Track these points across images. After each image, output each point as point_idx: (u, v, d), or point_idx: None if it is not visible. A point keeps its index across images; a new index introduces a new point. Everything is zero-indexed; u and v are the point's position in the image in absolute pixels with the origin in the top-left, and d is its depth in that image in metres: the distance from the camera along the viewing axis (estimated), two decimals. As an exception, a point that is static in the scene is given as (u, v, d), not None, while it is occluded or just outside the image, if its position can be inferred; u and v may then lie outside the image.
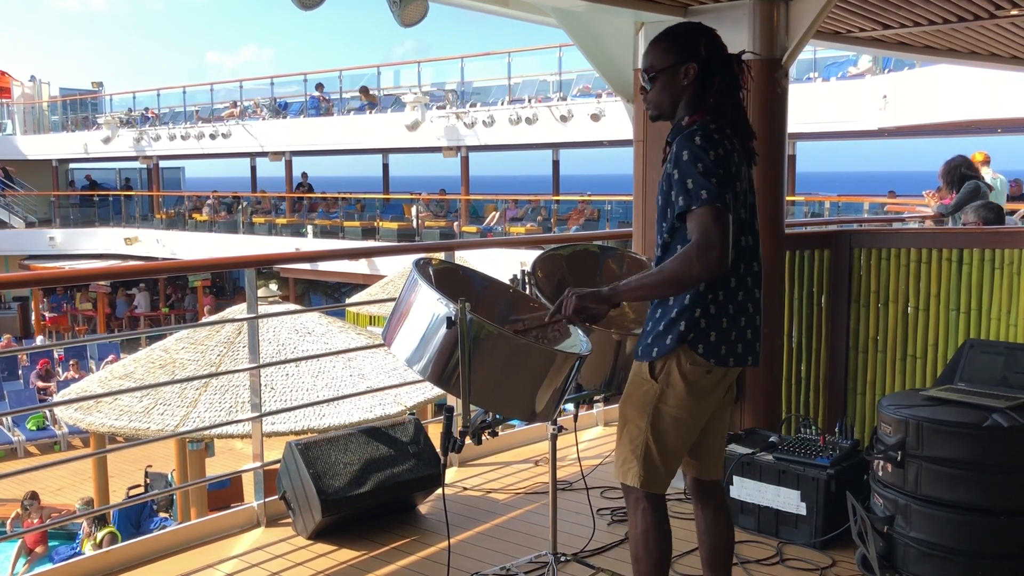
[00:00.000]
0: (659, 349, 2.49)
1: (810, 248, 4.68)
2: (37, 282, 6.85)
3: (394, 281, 12.74)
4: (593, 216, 19.01)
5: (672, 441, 2.55)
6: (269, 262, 11.34)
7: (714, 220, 2.31)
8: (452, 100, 21.33)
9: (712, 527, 2.76)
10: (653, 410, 2.53)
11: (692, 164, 2.35)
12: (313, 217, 23.29)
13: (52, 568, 3.69)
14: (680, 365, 2.48)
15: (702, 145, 2.36)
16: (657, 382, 2.51)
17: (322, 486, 3.71)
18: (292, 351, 7.55)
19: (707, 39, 2.50)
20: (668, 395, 2.51)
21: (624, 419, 2.61)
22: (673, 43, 2.51)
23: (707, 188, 2.32)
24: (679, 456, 2.61)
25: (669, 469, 2.59)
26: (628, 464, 2.58)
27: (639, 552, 2.60)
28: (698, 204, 2.32)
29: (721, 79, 2.47)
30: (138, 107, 28.53)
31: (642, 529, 2.59)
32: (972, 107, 13.57)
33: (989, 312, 4.25)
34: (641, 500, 2.59)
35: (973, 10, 4.90)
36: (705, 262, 2.30)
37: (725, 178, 2.37)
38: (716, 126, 2.43)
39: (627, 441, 2.58)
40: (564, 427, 3.25)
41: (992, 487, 3.11)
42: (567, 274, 3.44)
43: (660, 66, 2.51)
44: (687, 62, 2.48)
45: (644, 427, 2.54)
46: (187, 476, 8.88)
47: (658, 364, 2.51)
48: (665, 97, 2.53)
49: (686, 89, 2.49)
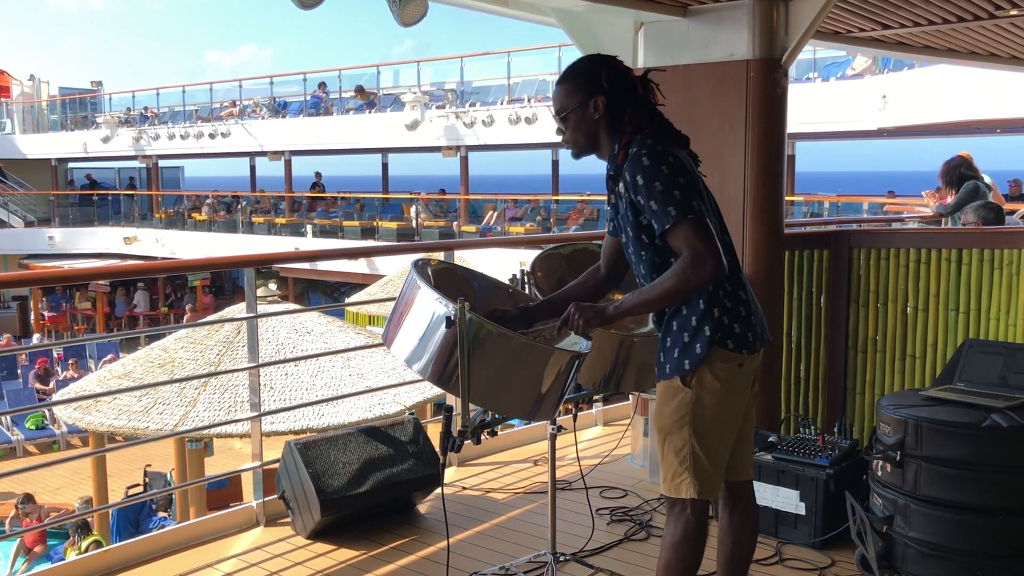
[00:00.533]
0: (691, 361, 2.49)
1: (809, 248, 4.68)
2: (36, 281, 6.85)
3: (393, 281, 12.73)
4: (592, 216, 18.99)
5: (717, 443, 2.54)
6: (268, 262, 11.34)
7: (695, 233, 2.33)
8: (451, 100, 21.32)
9: (740, 527, 2.75)
10: (692, 417, 2.51)
11: (649, 186, 2.36)
12: (312, 217, 23.28)
13: (51, 567, 3.69)
14: (712, 367, 2.48)
15: (651, 164, 2.38)
16: (691, 388, 2.50)
17: (321, 486, 3.71)
18: (291, 351, 7.54)
19: (608, 69, 2.51)
20: (704, 398, 2.50)
21: (663, 434, 2.57)
22: (576, 81, 2.53)
23: (673, 204, 2.33)
24: (726, 456, 2.60)
25: (720, 472, 2.58)
26: (679, 477, 2.54)
27: (670, 560, 2.56)
28: (671, 223, 2.34)
29: (631, 104, 2.48)
30: (137, 106, 28.52)
31: (681, 538, 2.55)
32: (971, 107, 13.57)
33: (988, 312, 4.25)
34: (687, 508, 2.55)
35: (973, 10, 4.90)
36: (700, 274, 2.34)
37: (688, 185, 2.37)
38: (653, 139, 2.44)
39: (672, 454, 2.55)
40: (563, 427, 3.25)
41: (991, 487, 3.11)
42: (567, 273, 3.44)
43: (569, 106, 2.54)
44: (593, 96, 2.49)
45: (687, 436, 2.52)
46: (186, 475, 8.87)
47: (688, 375, 2.50)
48: (581, 135, 2.55)
49: (599, 122, 2.51)
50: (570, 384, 2.74)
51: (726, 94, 4.08)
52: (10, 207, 28.79)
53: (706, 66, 4.13)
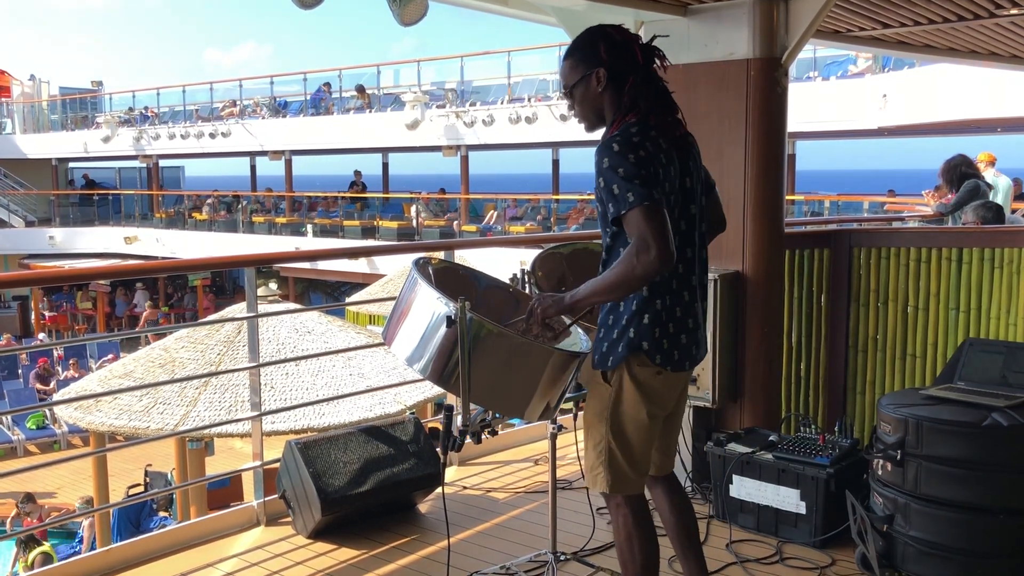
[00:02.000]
0: (613, 358, 2.52)
1: (810, 247, 4.68)
2: (37, 281, 6.86)
3: (394, 280, 12.72)
4: (593, 215, 18.92)
5: (635, 442, 2.58)
6: (269, 261, 11.36)
7: (646, 219, 2.31)
8: (452, 99, 21.33)
9: (671, 503, 2.79)
10: (611, 414, 2.56)
11: (613, 170, 2.36)
12: (313, 216, 23.28)
13: (51, 567, 3.69)
14: (630, 368, 2.51)
15: (619, 151, 2.37)
16: (611, 386, 2.54)
17: (322, 485, 3.71)
18: (292, 350, 7.54)
19: (606, 41, 2.50)
20: (623, 398, 2.54)
21: (587, 426, 2.64)
22: (577, 55, 2.54)
23: (632, 190, 2.33)
24: (645, 456, 2.63)
25: (638, 470, 2.61)
26: (595, 471, 2.60)
27: (625, 558, 2.62)
28: (627, 208, 2.33)
29: (634, 75, 2.47)
30: (138, 106, 28.52)
31: (624, 535, 2.61)
32: (972, 106, 13.56)
33: (988, 311, 4.25)
34: (621, 505, 2.60)
35: (973, 9, 4.90)
36: (646, 261, 2.30)
37: (650, 178, 2.36)
38: (638, 128, 2.43)
39: (591, 448, 2.61)
40: (564, 426, 3.25)
41: (991, 486, 3.11)
42: (567, 272, 3.44)
43: (573, 80, 2.55)
44: (594, 68, 2.50)
45: (604, 431, 2.57)
46: (187, 475, 8.88)
47: (609, 371, 2.54)
48: (588, 109, 2.56)
49: (603, 95, 2.51)
50: (570, 384, 2.74)
51: (726, 93, 4.08)
52: (11, 207, 28.79)
53: (706, 65, 4.13)
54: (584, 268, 3.50)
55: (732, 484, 3.81)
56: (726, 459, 3.82)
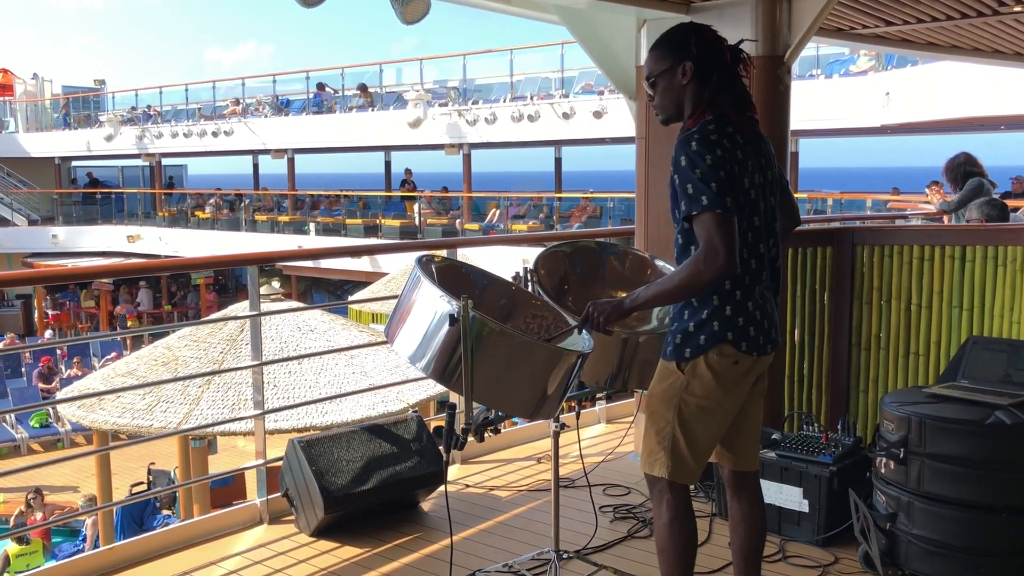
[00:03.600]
0: (692, 350, 2.52)
1: (813, 245, 4.68)
2: (40, 280, 6.87)
3: (396, 279, 12.72)
4: (595, 213, 18.99)
5: (700, 432, 2.56)
6: (271, 260, 11.35)
7: (716, 226, 2.34)
8: (454, 97, 21.32)
9: (748, 517, 2.77)
10: (679, 401, 2.55)
11: (690, 169, 2.39)
12: (315, 215, 23.28)
13: (55, 565, 3.70)
14: (707, 357, 2.51)
15: (698, 150, 2.40)
16: (683, 373, 2.53)
17: (325, 483, 3.71)
18: (295, 348, 7.55)
19: (698, 36, 2.54)
20: (694, 386, 2.53)
21: (651, 412, 2.62)
22: (666, 47, 2.57)
23: (706, 194, 2.35)
24: (708, 448, 2.62)
25: (698, 461, 2.60)
26: (655, 455, 2.59)
27: (664, 543, 2.61)
28: (699, 210, 2.36)
29: (719, 74, 2.50)
30: (140, 105, 28.54)
31: (667, 520, 2.60)
32: (975, 104, 13.54)
33: (992, 309, 4.24)
34: (665, 491, 2.60)
35: (976, 7, 4.90)
36: (713, 268, 2.34)
37: (726, 180, 2.39)
38: (715, 126, 2.45)
39: (654, 433, 2.60)
40: (566, 424, 3.25)
41: (995, 484, 3.11)
42: (569, 271, 3.44)
43: (658, 70, 2.57)
44: (682, 61, 2.52)
45: (671, 418, 2.56)
46: (190, 473, 8.89)
47: (685, 360, 2.53)
48: (668, 100, 2.58)
49: (687, 88, 2.53)
50: (572, 382, 2.74)
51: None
52: (14, 205, 28.82)
53: (709, 63, 4.12)
54: (586, 266, 3.51)
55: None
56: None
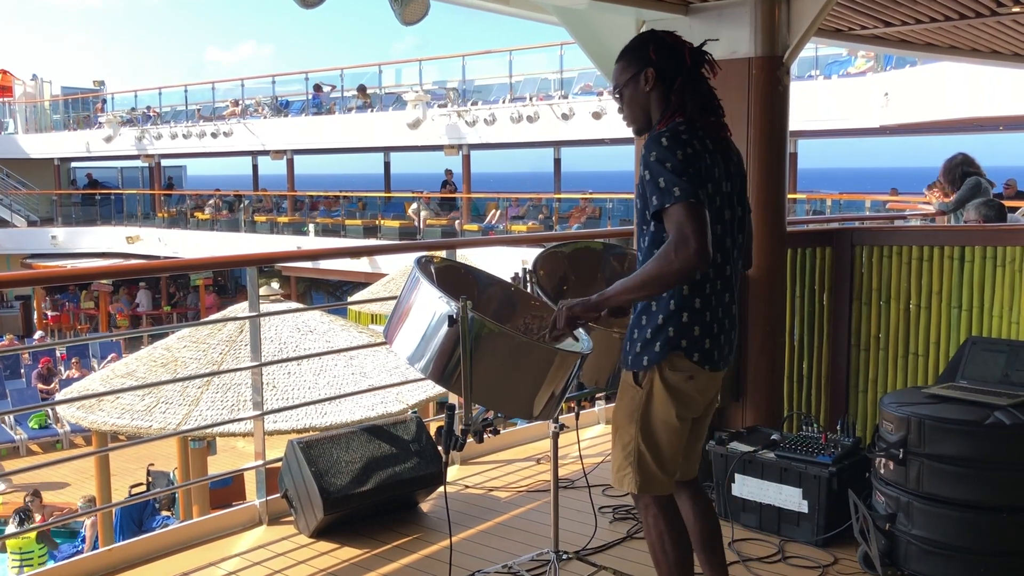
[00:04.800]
0: (649, 357, 2.51)
1: (812, 246, 4.68)
2: (39, 281, 6.87)
3: (395, 279, 12.73)
4: (595, 214, 18.99)
5: (664, 444, 2.57)
6: (271, 260, 11.36)
7: (688, 216, 2.31)
8: (453, 98, 21.32)
9: (695, 510, 2.78)
10: (641, 416, 2.55)
11: (660, 164, 2.37)
12: (314, 215, 23.27)
13: (54, 566, 3.69)
14: (662, 372, 2.50)
15: (668, 146, 2.39)
16: (642, 388, 2.54)
17: (324, 484, 3.71)
18: (294, 349, 7.55)
19: (656, 43, 2.54)
20: (654, 401, 2.53)
21: (616, 426, 2.64)
22: (627, 56, 2.58)
23: (679, 185, 2.33)
24: (674, 458, 2.62)
25: (667, 471, 2.60)
26: (623, 471, 2.60)
27: (658, 557, 2.61)
28: (671, 202, 2.33)
29: (682, 77, 2.50)
30: (140, 106, 28.53)
31: (656, 535, 2.60)
32: (974, 104, 13.55)
33: (991, 309, 4.24)
34: (650, 505, 2.60)
35: (975, 7, 4.90)
36: (683, 257, 2.29)
37: (696, 176, 2.37)
38: (686, 127, 2.45)
39: (620, 448, 2.61)
40: (566, 425, 3.25)
41: (994, 485, 3.11)
42: (569, 272, 3.44)
43: (622, 81, 2.58)
44: (643, 69, 2.53)
45: (634, 433, 2.57)
46: (189, 474, 8.89)
47: (641, 373, 2.53)
48: (636, 109, 2.59)
49: (651, 95, 2.54)
50: (571, 383, 2.74)
51: (728, 92, 4.03)
52: (13, 206, 28.81)
53: (708, 64, 4.12)
54: (585, 267, 3.51)
55: (734, 483, 3.80)
56: (728, 458, 3.82)
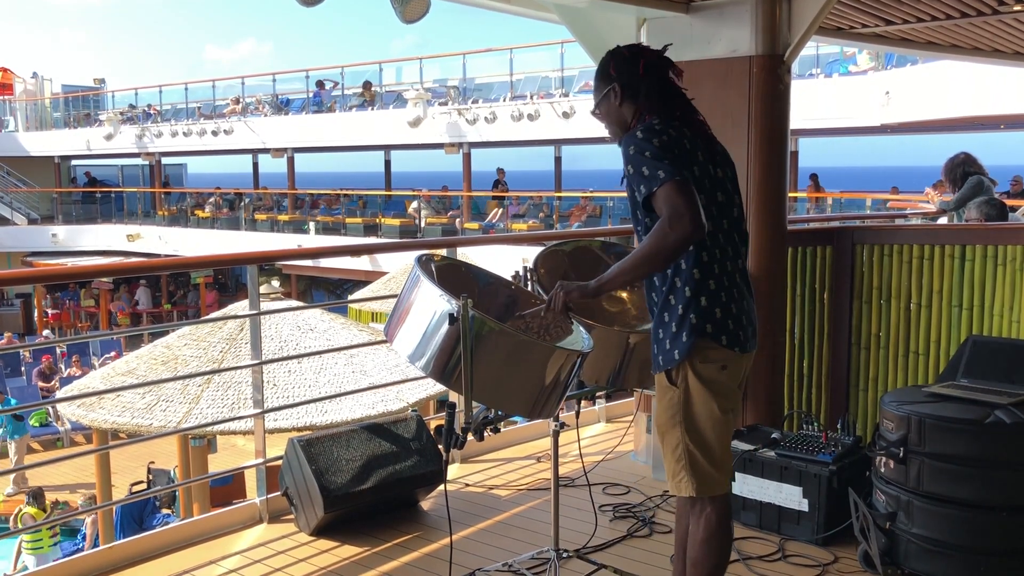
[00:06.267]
0: (680, 350, 2.49)
1: (812, 244, 4.68)
2: (39, 279, 6.87)
3: (396, 278, 12.72)
4: (595, 212, 18.98)
5: (712, 440, 2.54)
6: (271, 258, 11.34)
7: (677, 192, 2.33)
8: (454, 96, 21.30)
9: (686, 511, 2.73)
10: (684, 416, 2.52)
11: (640, 154, 2.41)
12: (315, 214, 23.27)
13: (55, 564, 3.70)
14: (695, 367, 2.49)
15: (644, 137, 2.44)
16: (678, 387, 2.52)
17: (324, 482, 3.71)
18: (294, 347, 7.55)
19: (616, 59, 2.63)
20: (692, 397, 2.51)
21: (661, 433, 2.60)
22: (596, 77, 2.69)
23: (662, 168, 2.36)
24: (725, 453, 2.59)
25: (720, 469, 2.57)
26: (678, 476, 2.56)
27: (699, 556, 2.58)
28: (658, 184, 2.35)
29: (646, 86, 2.56)
30: (140, 103, 28.52)
31: (705, 536, 2.57)
32: (975, 103, 13.54)
33: (992, 308, 4.24)
34: (706, 506, 2.57)
35: (976, 6, 4.90)
36: (679, 229, 2.30)
37: (677, 158, 2.40)
38: (659, 120, 2.50)
39: (670, 453, 2.57)
40: (566, 423, 3.25)
41: (994, 484, 3.11)
42: (569, 270, 3.44)
43: (597, 99, 2.68)
44: (609, 85, 2.62)
45: (680, 435, 2.53)
46: (189, 472, 8.89)
47: (675, 371, 2.51)
48: (614, 124, 2.67)
49: (622, 108, 2.61)
50: (572, 381, 2.74)
51: (729, 90, 4.08)
52: (14, 204, 28.82)
53: (709, 62, 4.13)
54: (586, 265, 3.51)
55: (734, 481, 3.80)
56: (728, 456, 3.82)
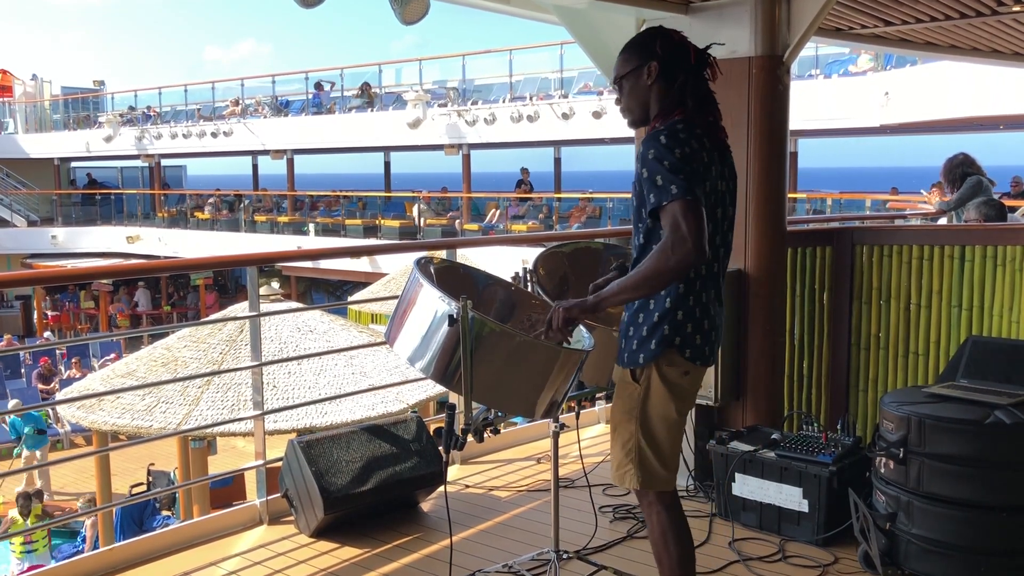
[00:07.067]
0: (645, 355, 2.51)
1: (812, 245, 4.68)
2: (39, 281, 6.89)
3: (396, 279, 12.73)
4: (595, 213, 18.99)
5: (664, 440, 2.57)
6: (271, 260, 11.34)
7: (686, 213, 2.31)
8: (454, 98, 21.32)
9: None
10: (640, 412, 2.56)
11: (658, 162, 2.37)
12: (315, 215, 23.28)
13: (54, 566, 3.70)
14: (659, 367, 2.51)
15: (667, 144, 2.39)
16: (639, 384, 2.54)
17: (324, 484, 3.71)
18: (294, 349, 7.55)
19: (663, 39, 2.54)
20: (652, 397, 2.54)
21: (614, 424, 2.64)
22: (633, 49, 2.59)
23: (676, 183, 2.33)
24: (674, 453, 2.62)
25: (668, 467, 2.60)
26: (623, 468, 2.60)
27: (660, 554, 2.61)
28: (668, 199, 2.33)
29: (685, 75, 2.50)
30: (140, 105, 28.53)
31: (659, 532, 2.60)
32: (974, 103, 13.56)
33: (991, 309, 4.24)
34: (654, 503, 2.60)
35: (975, 6, 4.90)
36: (680, 254, 2.29)
37: (693, 174, 2.37)
38: (684, 126, 2.45)
39: (619, 445, 2.61)
40: (566, 424, 3.25)
41: (994, 484, 3.11)
42: (569, 271, 3.44)
43: (624, 72, 2.58)
44: (647, 62, 2.53)
45: (634, 430, 2.57)
46: (189, 474, 8.89)
47: (639, 369, 2.54)
48: (634, 101, 2.59)
49: (652, 89, 2.54)
50: (573, 382, 2.74)
51: (728, 91, 4.06)
52: (13, 206, 28.83)
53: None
54: (586, 267, 3.51)
55: (734, 482, 3.81)
56: (728, 457, 3.82)
